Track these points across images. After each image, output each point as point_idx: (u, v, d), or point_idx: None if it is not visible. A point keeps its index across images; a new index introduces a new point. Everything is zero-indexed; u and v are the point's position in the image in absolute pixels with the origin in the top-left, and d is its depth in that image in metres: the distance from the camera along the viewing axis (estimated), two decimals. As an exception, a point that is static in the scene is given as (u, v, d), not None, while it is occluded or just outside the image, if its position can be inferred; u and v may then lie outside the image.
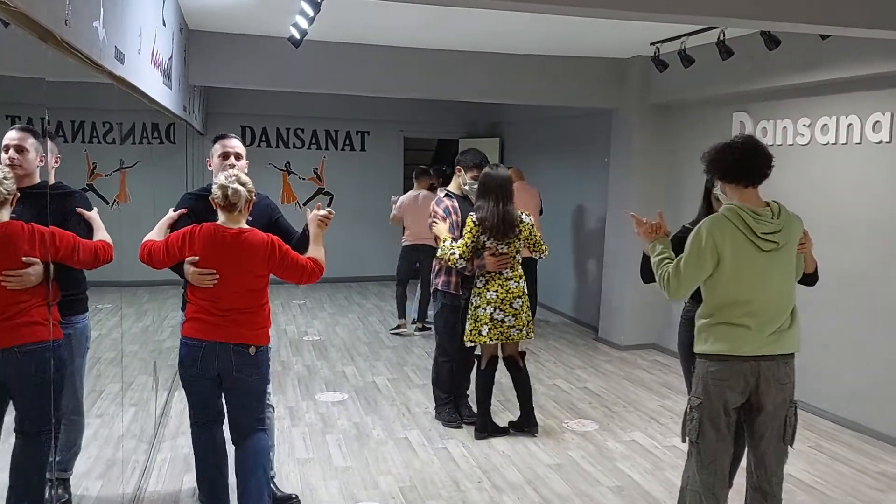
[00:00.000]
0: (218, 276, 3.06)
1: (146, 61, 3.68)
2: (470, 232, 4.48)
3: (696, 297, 3.05)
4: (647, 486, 4.06)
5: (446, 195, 4.84)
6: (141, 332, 6.69)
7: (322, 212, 3.38)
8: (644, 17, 3.09)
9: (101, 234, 3.13)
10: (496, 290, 4.52)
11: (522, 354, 4.75)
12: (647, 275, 3.49)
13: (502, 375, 4.87)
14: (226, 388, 3.19)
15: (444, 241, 4.56)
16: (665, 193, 6.89)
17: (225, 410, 3.27)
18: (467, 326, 4.59)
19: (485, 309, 4.52)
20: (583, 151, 8.28)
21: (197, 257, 3.06)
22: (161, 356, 5.87)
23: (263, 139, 10.17)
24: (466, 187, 4.78)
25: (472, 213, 4.54)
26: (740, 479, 3.15)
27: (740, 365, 2.85)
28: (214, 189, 3.07)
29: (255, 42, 6.27)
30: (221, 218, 3.12)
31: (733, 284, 2.84)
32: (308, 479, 4.02)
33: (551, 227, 8.00)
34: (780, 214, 2.90)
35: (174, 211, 3.35)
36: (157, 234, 3.23)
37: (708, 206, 3.51)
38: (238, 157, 3.48)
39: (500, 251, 4.51)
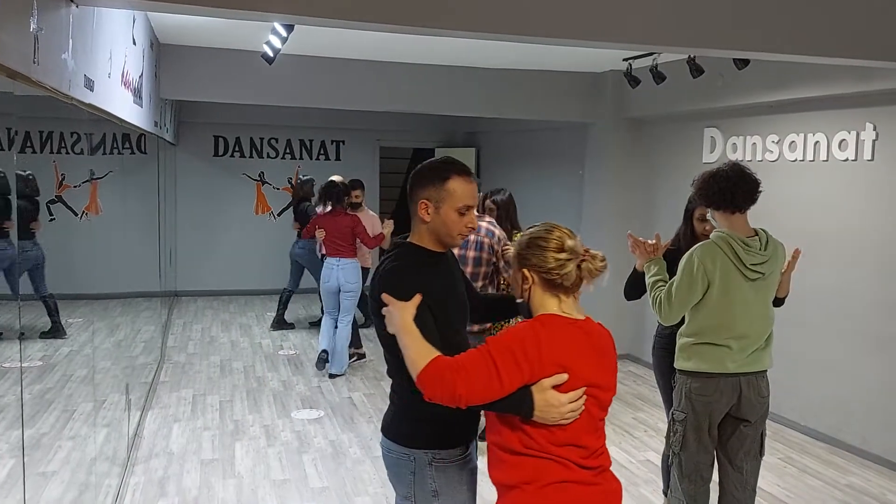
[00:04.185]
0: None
1: (116, 84, 3.66)
2: None
3: None
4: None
5: None
6: (113, 348, 6.60)
7: None
8: (612, 46, 3.13)
9: None
10: None
11: None
12: (632, 292, 3.54)
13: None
14: None
15: None
16: (639, 205, 6.97)
17: None
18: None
19: None
20: (558, 162, 8.35)
21: (566, 375, 1.85)
22: (134, 373, 5.80)
23: (237, 149, 10.10)
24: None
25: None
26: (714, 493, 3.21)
27: (723, 381, 2.95)
28: (551, 257, 1.92)
29: (228, 56, 6.23)
30: (554, 305, 1.95)
31: (719, 309, 2.93)
32: (285, 500, 4.00)
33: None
34: (768, 245, 2.98)
35: (395, 296, 1.99)
36: (420, 346, 1.89)
37: (689, 228, 3.56)
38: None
39: None
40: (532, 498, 1.88)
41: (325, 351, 6.35)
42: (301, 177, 8.20)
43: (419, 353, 1.87)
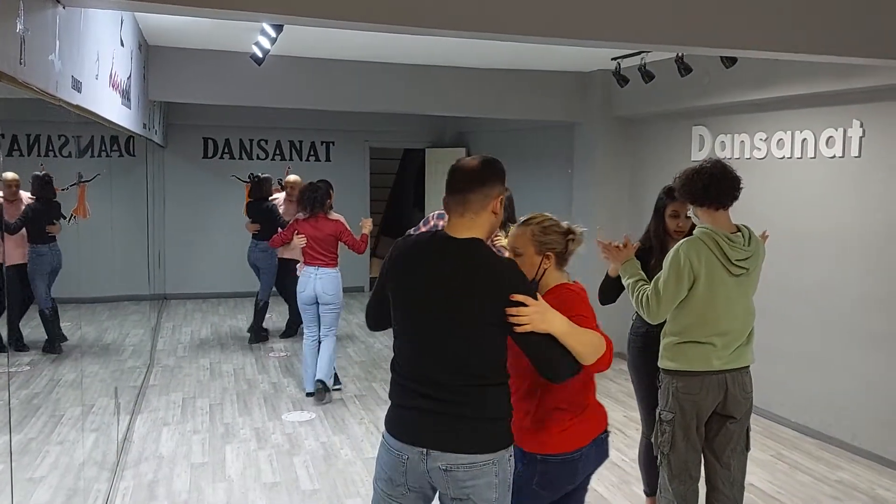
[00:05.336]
0: None
1: (104, 85, 3.63)
2: None
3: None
4: (613, 500, 4.11)
5: None
6: (101, 351, 6.56)
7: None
8: (600, 45, 3.14)
9: None
10: None
11: None
12: (606, 297, 3.55)
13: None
14: None
15: None
16: (627, 205, 6.99)
17: None
18: None
19: None
20: (547, 162, 8.36)
21: None
22: (123, 377, 5.76)
23: (226, 151, 10.05)
24: None
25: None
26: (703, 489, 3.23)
27: (709, 378, 2.97)
28: (563, 240, 2.39)
29: (216, 57, 6.21)
30: (564, 277, 2.42)
31: (704, 305, 2.94)
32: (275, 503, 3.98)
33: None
34: (751, 241, 3.00)
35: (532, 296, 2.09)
36: (588, 332, 2.17)
37: (661, 225, 3.56)
38: None
39: None
40: (552, 439, 2.34)
41: (310, 392, 5.73)
42: (259, 174, 7.86)
43: (593, 337, 2.15)
